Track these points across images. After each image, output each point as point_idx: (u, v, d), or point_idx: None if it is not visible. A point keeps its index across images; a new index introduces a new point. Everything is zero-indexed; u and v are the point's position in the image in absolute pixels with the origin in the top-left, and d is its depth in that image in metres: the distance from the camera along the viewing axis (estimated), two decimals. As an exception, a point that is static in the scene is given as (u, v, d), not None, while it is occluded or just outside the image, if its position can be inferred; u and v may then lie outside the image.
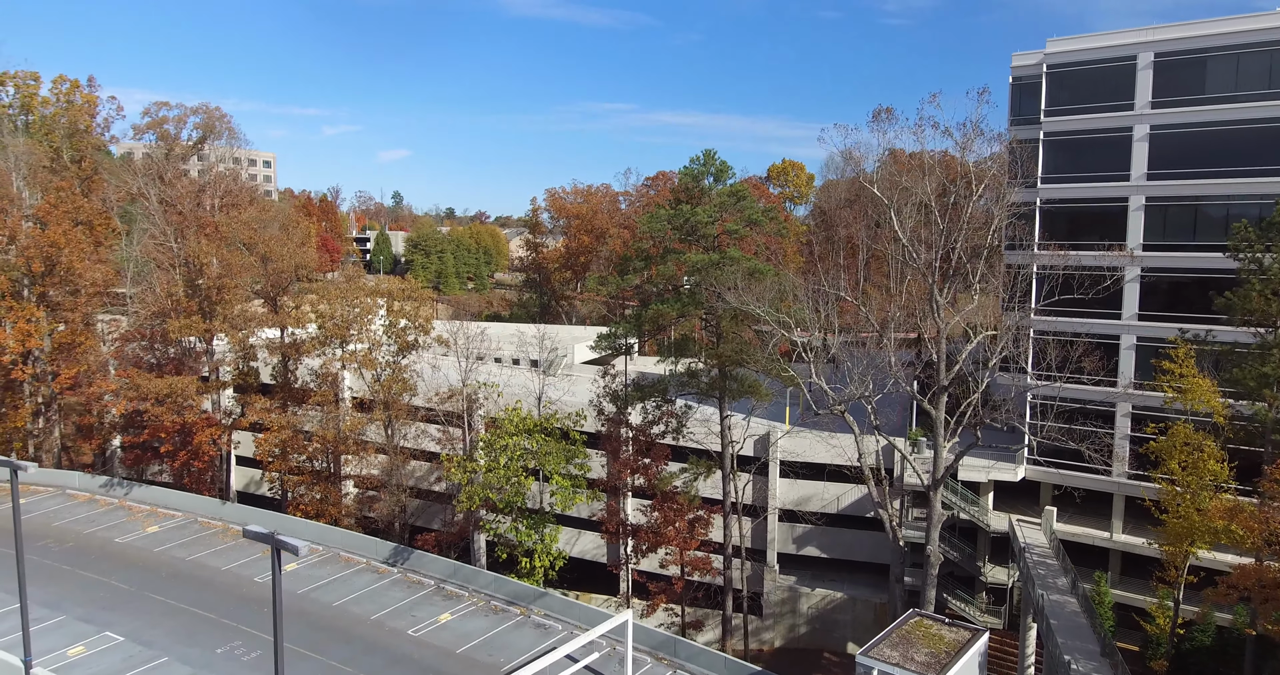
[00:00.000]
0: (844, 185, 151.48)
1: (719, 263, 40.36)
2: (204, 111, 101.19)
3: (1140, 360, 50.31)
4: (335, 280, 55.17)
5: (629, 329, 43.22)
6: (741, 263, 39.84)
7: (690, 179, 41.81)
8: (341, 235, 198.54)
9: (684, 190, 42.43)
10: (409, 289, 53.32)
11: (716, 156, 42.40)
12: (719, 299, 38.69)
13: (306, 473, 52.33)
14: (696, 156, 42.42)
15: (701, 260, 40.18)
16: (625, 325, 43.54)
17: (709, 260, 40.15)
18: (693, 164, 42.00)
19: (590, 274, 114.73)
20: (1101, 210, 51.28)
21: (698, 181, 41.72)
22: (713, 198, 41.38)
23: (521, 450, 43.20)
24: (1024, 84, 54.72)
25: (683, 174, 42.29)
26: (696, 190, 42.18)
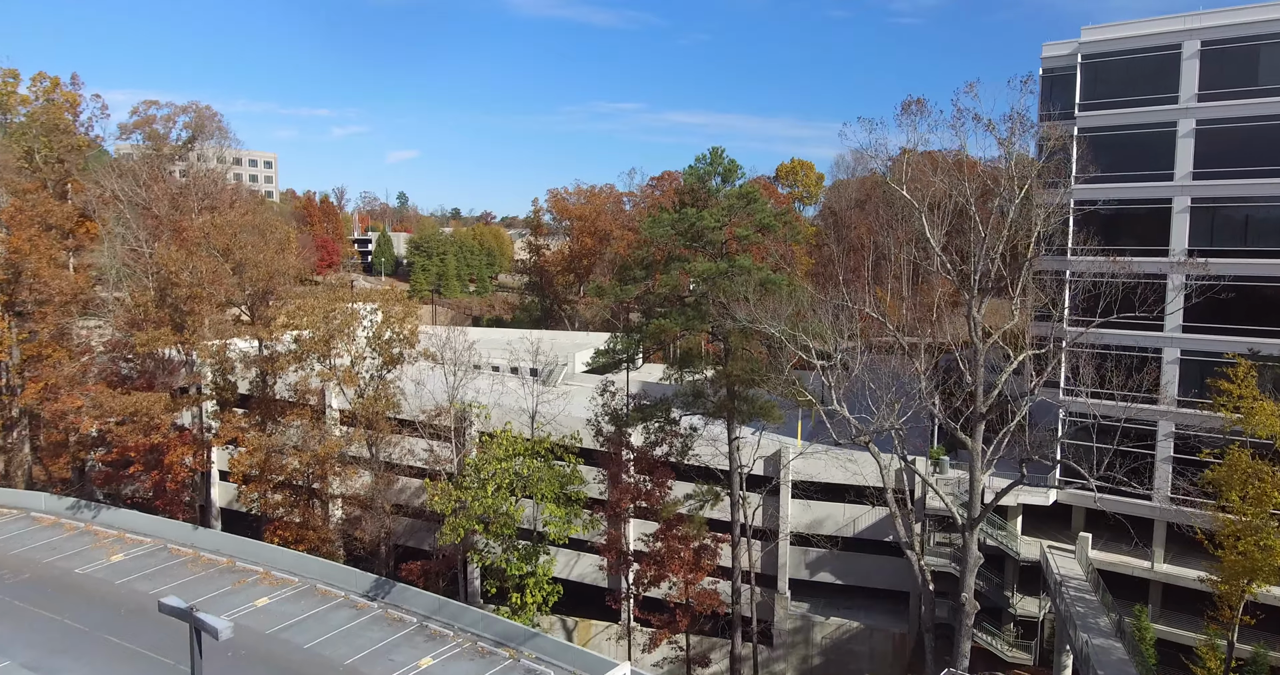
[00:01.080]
0: (854, 185, 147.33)
1: (728, 272, 36.68)
2: (194, 110, 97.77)
3: (1185, 376, 46.41)
4: (318, 289, 51.39)
5: (629, 344, 39.55)
6: (753, 272, 36.14)
7: (696, 180, 38.13)
8: (342, 237, 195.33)
9: (689, 192, 38.75)
10: (395, 298, 49.67)
11: (724, 155, 38.72)
12: (728, 315, 34.99)
13: (285, 494, 48.80)
14: (703, 155, 38.77)
15: (709, 269, 36.51)
16: (625, 340, 39.88)
17: (717, 269, 36.48)
18: (699, 163, 38.33)
19: (593, 277, 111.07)
20: (1142, 212, 47.36)
21: (704, 182, 38.06)
22: (720, 200, 37.72)
23: (511, 476, 39.55)
24: (1055, 76, 50.80)
25: (688, 174, 38.60)
26: (703, 192, 38.51)
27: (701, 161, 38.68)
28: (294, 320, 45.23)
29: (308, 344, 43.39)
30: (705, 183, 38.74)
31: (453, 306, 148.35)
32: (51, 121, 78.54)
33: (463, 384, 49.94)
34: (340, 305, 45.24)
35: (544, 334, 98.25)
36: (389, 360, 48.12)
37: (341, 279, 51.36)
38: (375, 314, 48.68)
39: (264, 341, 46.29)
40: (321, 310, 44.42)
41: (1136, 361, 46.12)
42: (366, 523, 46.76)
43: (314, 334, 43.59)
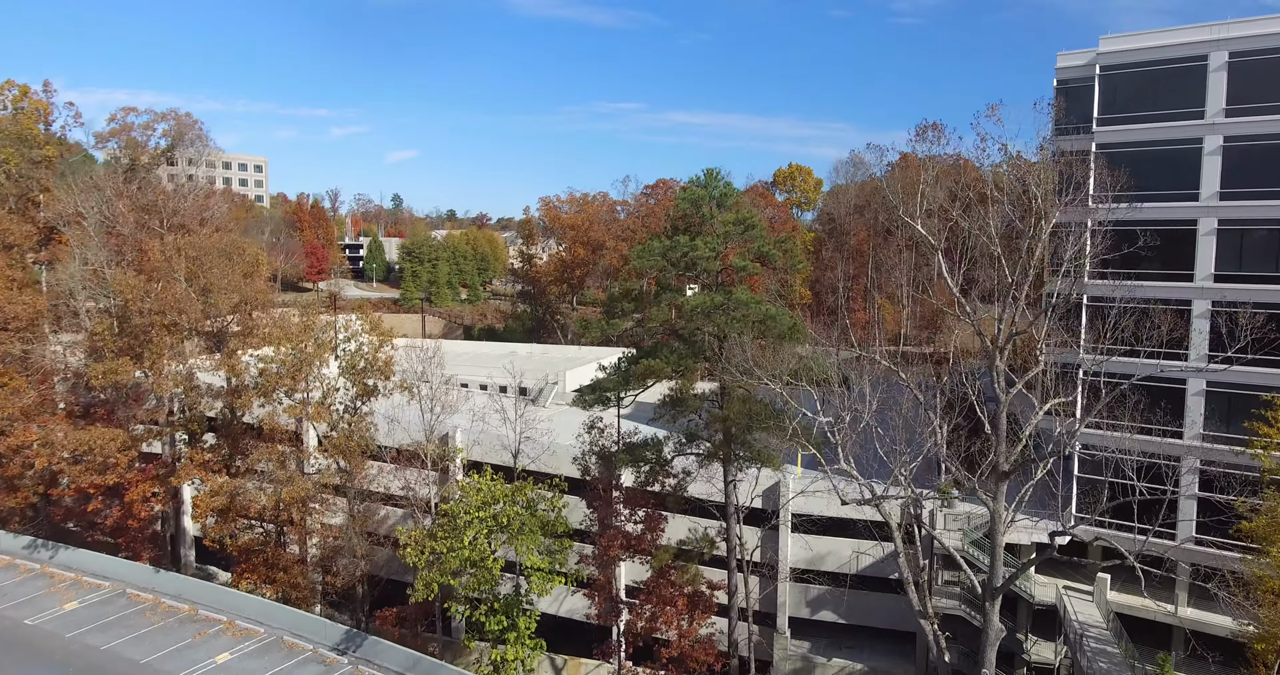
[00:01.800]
0: (853, 190, 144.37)
1: (724, 306, 33.77)
2: (172, 118, 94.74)
3: (1211, 408, 43.58)
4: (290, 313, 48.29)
5: (615, 383, 36.57)
6: (750, 307, 33.22)
7: (689, 205, 35.19)
8: (333, 242, 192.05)
9: (682, 217, 35.81)
10: (371, 324, 46.60)
11: (720, 176, 35.77)
12: (723, 359, 32.08)
13: (254, 534, 45.77)
14: (697, 177, 35.83)
15: (703, 303, 33.60)
16: (612, 379, 36.88)
17: (712, 302, 33.56)
18: (693, 185, 35.34)
19: (586, 287, 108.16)
20: (1165, 234, 44.46)
21: (698, 207, 35.11)
22: (716, 227, 34.80)
23: (490, 523, 36.56)
24: (1070, 88, 47.91)
25: (681, 198, 35.67)
26: (696, 217, 35.59)
27: (696, 183, 35.74)
28: (260, 351, 42.14)
29: (273, 378, 40.33)
30: (699, 208, 35.80)
31: (444, 316, 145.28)
32: (19, 132, 75.52)
33: (441, 419, 46.88)
34: (309, 334, 42.13)
35: (535, 349, 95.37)
36: (363, 392, 45.08)
37: (313, 303, 47.30)
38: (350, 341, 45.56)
39: (230, 374, 43.25)
40: (290, 340, 41.37)
41: (1158, 393, 43.33)
42: (340, 566, 43.75)
43: (280, 367, 40.53)
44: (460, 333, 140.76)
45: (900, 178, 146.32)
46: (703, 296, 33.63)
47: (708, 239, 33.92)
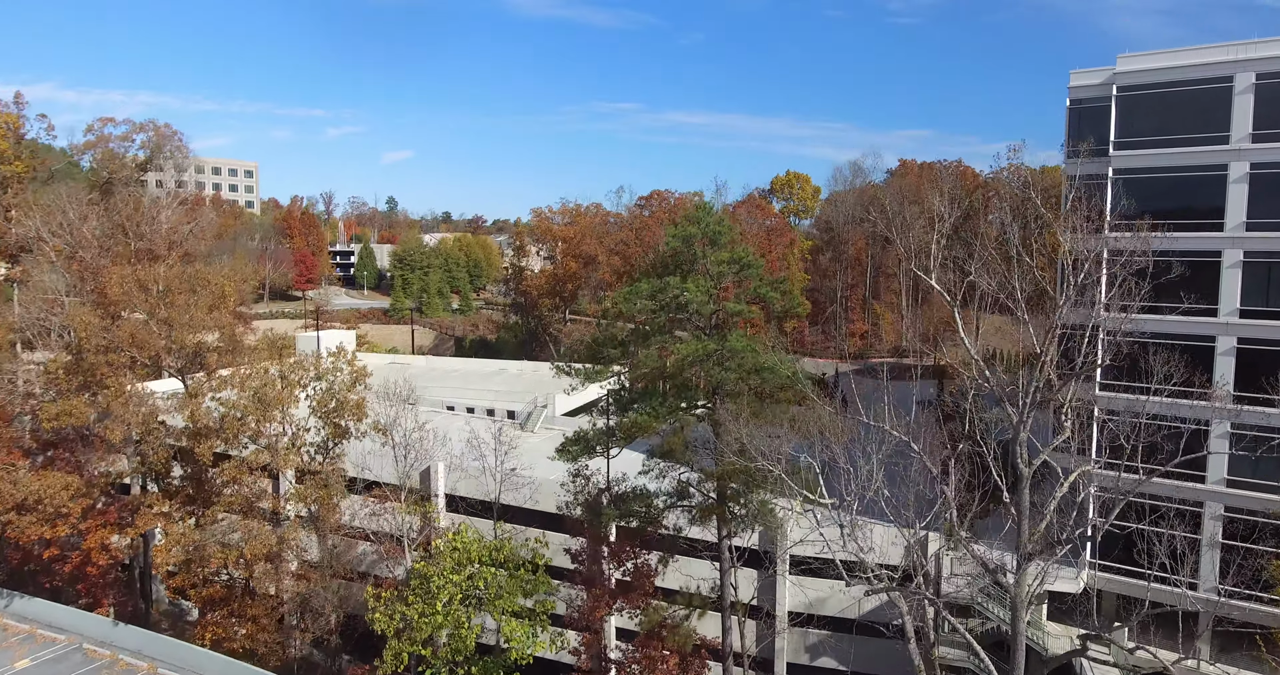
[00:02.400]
0: (852, 198, 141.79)
1: (716, 355, 31.14)
2: (151, 128, 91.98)
3: (1237, 450, 41.01)
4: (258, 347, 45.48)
5: (599, 437, 33.86)
6: (746, 356, 30.59)
7: (680, 242, 32.52)
8: (324, 249, 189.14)
9: (672, 255, 33.17)
10: (342, 357, 43.82)
11: (713, 210, 33.08)
12: (716, 444, 29.43)
13: (217, 587, 43.00)
14: (689, 211, 33.14)
15: (694, 351, 30.98)
16: (595, 433, 34.16)
17: (703, 350, 30.94)
18: (684, 220, 32.64)
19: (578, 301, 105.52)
20: (1187, 267, 41.87)
21: (689, 245, 32.46)
22: (709, 266, 32.17)
23: (466, 586, 33.86)
24: (1085, 108, 45.31)
25: (671, 235, 32.99)
26: (688, 255, 32.95)
27: (687, 221, 33.06)
28: (223, 394, 39.30)
29: (234, 424, 37.53)
30: (690, 245, 33.08)
31: (434, 327, 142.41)
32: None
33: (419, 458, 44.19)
34: (270, 384, 39.28)
35: (525, 367, 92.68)
36: (335, 433, 42.33)
37: (284, 340, 43.96)
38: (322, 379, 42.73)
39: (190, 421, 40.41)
40: (253, 382, 38.60)
41: (1178, 433, 40.80)
42: (309, 622, 41.01)
43: (243, 413, 37.73)
44: (451, 344, 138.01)
45: (899, 185, 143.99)
46: (694, 343, 31.01)
47: (700, 281, 31.29)
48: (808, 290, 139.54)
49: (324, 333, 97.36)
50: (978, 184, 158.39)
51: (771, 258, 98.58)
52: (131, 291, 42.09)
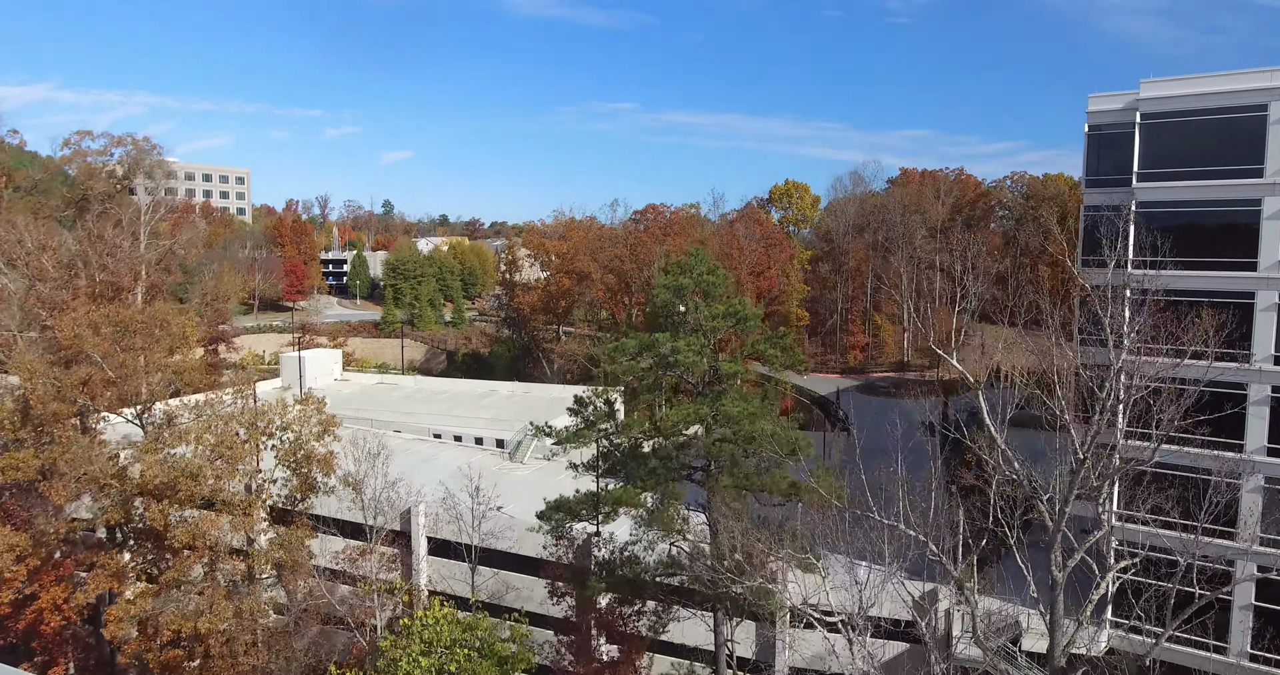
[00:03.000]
0: (853, 208, 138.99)
1: (710, 421, 28.31)
2: (129, 142, 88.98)
3: (1271, 506, 38.17)
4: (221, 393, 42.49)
5: (583, 503, 30.87)
6: (742, 423, 27.73)
7: (670, 294, 29.62)
8: (315, 257, 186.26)
9: (664, 307, 30.23)
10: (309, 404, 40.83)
11: (706, 258, 30.17)
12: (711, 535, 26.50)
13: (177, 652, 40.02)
14: (681, 258, 30.28)
15: (686, 416, 28.15)
16: (579, 499, 31.23)
17: (695, 416, 28.12)
18: (674, 273, 29.71)
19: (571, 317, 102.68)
20: (1217, 309, 39.03)
21: (680, 297, 29.56)
22: (702, 321, 29.31)
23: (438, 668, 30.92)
24: (1104, 135, 42.49)
25: (661, 286, 30.06)
26: (679, 308, 30.08)
27: (677, 268, 30.18)
28: (178, 451, 36.32)
29: (189, 485, 34.53)
30: (681, 298, 30.17)
31: (426, 340, 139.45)
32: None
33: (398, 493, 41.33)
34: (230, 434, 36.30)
35: (517, 388, 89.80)
36: (302, 486, 39.39)
37: (241, 382, 40.28)
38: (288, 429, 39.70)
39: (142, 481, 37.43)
40: (210, 436, 35.61)
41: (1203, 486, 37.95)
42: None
43: (197, 471, 34.75)
44: (444, 359, 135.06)
45: (900, 195, 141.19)
46: (685, 409, 28.17)
47: (692, 340, 28.41)
48: (807, 301, 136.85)
49: (309, 352, 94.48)
50: (980, 193, 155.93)
51: (771, 274, 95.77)
52: (84, 335, 39.14)
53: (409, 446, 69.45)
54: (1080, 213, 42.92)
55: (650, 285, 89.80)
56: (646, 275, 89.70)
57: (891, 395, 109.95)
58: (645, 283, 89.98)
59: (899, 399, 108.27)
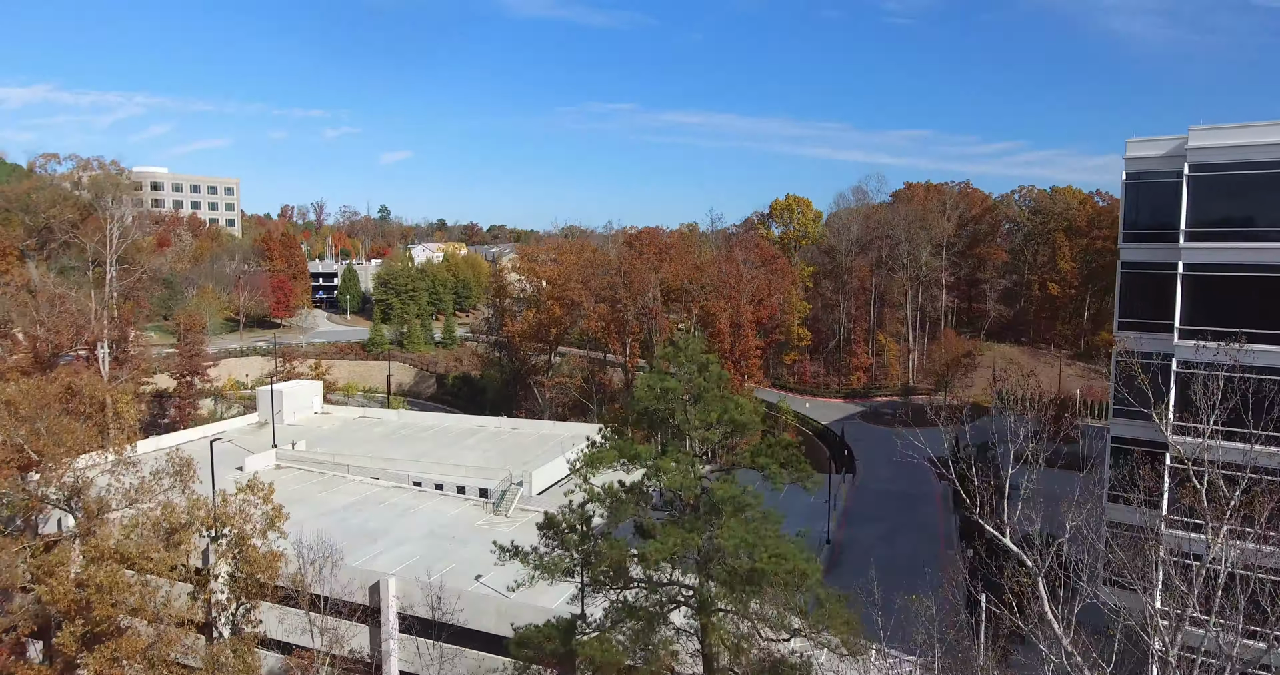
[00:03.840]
0: (857, 224, 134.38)
1: (706, 557, 23.88)
2: (97, 165, 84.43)
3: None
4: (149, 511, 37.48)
5: (556, 637, 26.34)
6: (740, 556, 23.30)
7: (656, 397, 25.07)
8: (305, 271, 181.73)
9: (655, 399, 25.67)
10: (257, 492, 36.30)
11: (698, 342, 25.74)
12: None
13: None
14: (669, 348, 25.82)
15: (674, 549, 23.72)
16: (549, 637, 26.70)
17: (683, 547, 23.69)
18: (658, 374, 25.20)
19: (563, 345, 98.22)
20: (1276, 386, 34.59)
21: (667, 400, 25.01)
22: (693, 431, 24.82)
23: None
24: (1146, 184, 38.03)
25: (643, 385, 25.51)
26: (666, 411, 25.61)
27: (665, 355, 25.71)
28: (93, 571, 31.72)
29: (104, 603, 29.96)
30: (669, 400, 25.61)
31: (415, 362, 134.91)
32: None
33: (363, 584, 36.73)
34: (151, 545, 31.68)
35: (505, 424, 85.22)
36: (243, 591, 34.83)
37: (183, 461, 35.38)
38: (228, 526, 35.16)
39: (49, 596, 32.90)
40: (129, 547, 31.04)
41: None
42: None
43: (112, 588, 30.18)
44: (433, 382, 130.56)
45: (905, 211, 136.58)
46: (674, 537, 23.74)
47: (680, 456, 23.98)
48: (809, 319, 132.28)
49: (288, 385, 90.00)
50: (986, 207, 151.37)
51: (771, 303, 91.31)
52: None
53: (386, 497, 65.13)
54: (1118, 271, 38.47)
55: (646, 314, 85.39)
56: (641, 304, 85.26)
57: (898, 423, 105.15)
58: (640, 312, 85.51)
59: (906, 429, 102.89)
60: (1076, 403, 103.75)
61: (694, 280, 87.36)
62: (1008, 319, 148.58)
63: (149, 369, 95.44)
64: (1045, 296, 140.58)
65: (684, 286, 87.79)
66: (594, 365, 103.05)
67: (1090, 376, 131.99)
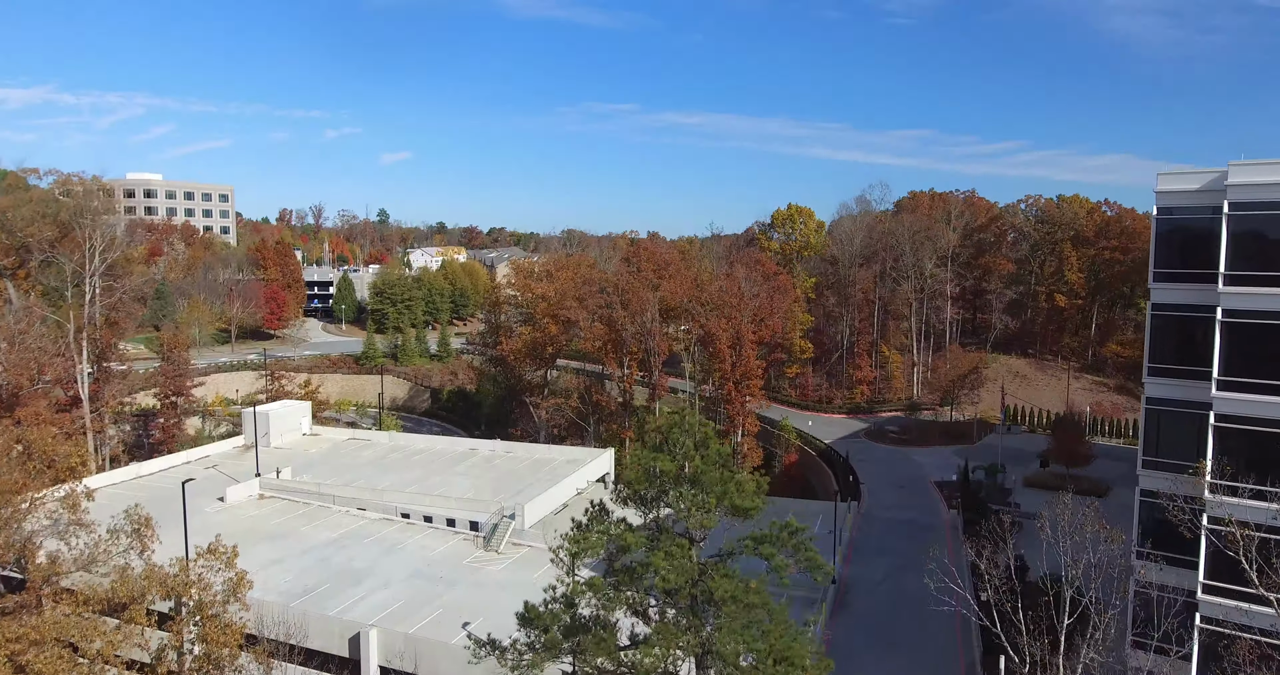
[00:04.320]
0: (860, 235, 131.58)
1: (700, 651, 21.20)
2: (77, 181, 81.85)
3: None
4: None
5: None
6: (741, 665, 20.57)
7: (647, 483, 22.31)
8: (299, 280, 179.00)
9: (645, 482, 22.95)
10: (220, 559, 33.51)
11: (692, 425, 22.96)
12: None
13: None
14: (658, 426, 23.08)
15: (665, 650, 21.04)
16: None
17: (679, 643, 21.02)
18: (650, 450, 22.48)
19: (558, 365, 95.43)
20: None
21: (660, 485, 22.28)
22: (689, 519, 22.03)
23: None
24: (1177, 221, 35.29)
25: (632, 462, 22.86)
26: (657, 491, 22.92)
27: (656, 439, 23.03)
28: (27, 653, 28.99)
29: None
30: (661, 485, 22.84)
31: (410, 376, 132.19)
32: None
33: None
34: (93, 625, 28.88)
35: (499, 448, 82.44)
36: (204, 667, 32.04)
37: (141, 520, 32.22)
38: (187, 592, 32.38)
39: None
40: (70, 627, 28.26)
41: None
42: None
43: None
44: (428, 397, 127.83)
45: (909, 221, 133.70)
46: (667, 639, 21.00)
47: (674, 549, 21.25)
48: (810, 332, 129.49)
49: (275, 406, 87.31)
50: (992, 216, 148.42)
51: (774, 322, 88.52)
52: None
53: (372, 530, 62.47)
54: (1148, 312, 35.72)
55: (646, 334, 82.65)
56: (639, 323, 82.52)
57: (904, 442, 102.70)
58: (639, 332, 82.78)
59: (912, 448, 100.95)
60: (1087, 421, 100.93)
61: (694, 298, 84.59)
62: (1014, 330, 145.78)
63: (132, 387, 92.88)
64: (1052, 308, 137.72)
65: (683, 305, 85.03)
66: (591, 381, 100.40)
67: (1099, 390, 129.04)
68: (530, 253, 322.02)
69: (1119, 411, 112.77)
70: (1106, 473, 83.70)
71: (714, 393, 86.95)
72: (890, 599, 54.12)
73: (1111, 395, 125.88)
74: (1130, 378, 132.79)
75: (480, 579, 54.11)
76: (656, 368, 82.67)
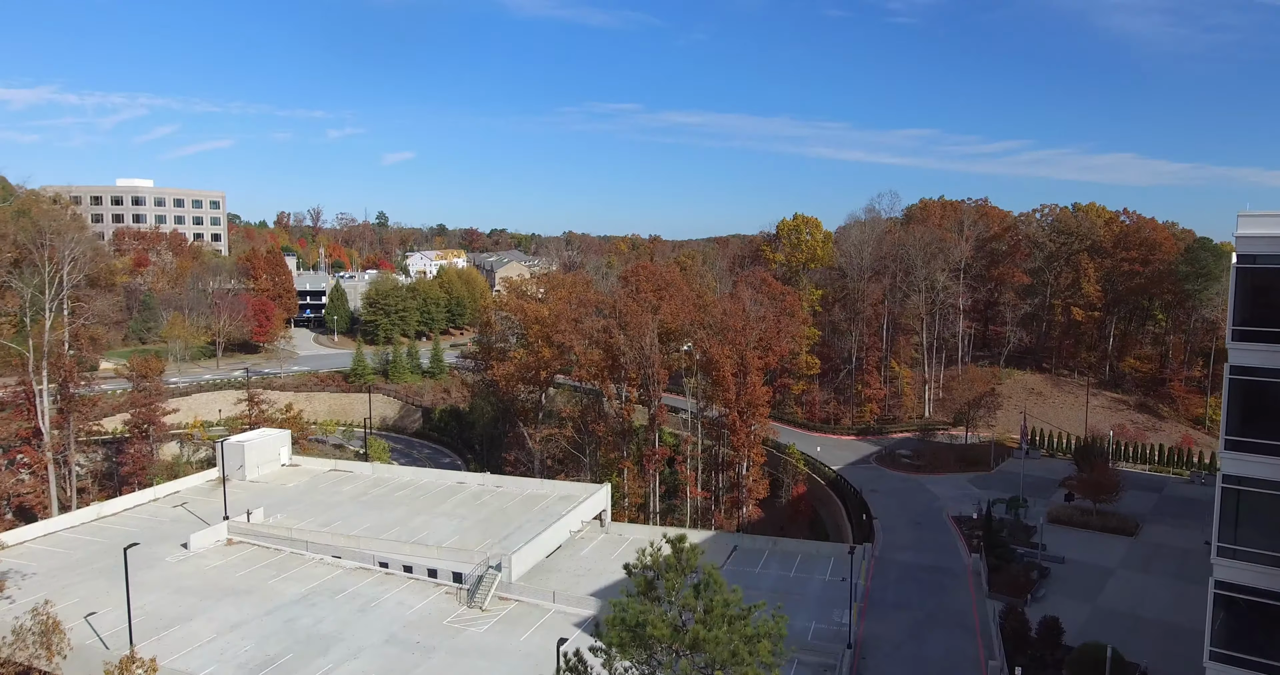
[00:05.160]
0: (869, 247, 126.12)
1: None
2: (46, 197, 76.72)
3: None
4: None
5: None
6: None
7: (629, 636, 17.42)
8: (291, 290, 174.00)
9: (627, 639, 18.04)
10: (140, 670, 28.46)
11: (694, 556, 18.07)
12: None
13: None
14: (643, 561, 18.09)
15: None
16: None
17: None
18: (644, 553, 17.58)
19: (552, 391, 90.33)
20: None
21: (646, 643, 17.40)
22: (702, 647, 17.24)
23: None
24: (1261, 270, 30.11)
25: (616, 611, 17.90)
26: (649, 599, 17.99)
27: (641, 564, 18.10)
28: None
29: None
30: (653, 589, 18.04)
31: (400, 394, 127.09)
32: None
33: None
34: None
35: (488, 482, 77.28)
36: None
37: (51, 624, 27.58)
38: None
39: None
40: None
41: None
42: None
43: None
44: (419, 416, 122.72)
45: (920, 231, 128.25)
46: None
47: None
48: (816, 346, 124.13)
49: (253, 436, 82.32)
50: (1006, 226, 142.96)
51: (780, 346, 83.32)
52: None
53: (346, 583, 57.35)
54: (1225, 376, 30.58)
55: (645, 361, 77.49)
56: (638, 348, 77.37)
57: (917, 468, 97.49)
58: (637, 357, 77.61)
59: (926, 475, 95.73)
60: (1109, 445, 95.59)
61: (696, 320, 79.38)
62: (1028, 344, 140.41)
63: (103, 412, 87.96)
64: (1069, 321, 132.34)
65: (684, 328, 79.86)
66: (589, 401, 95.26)
67: (1118, 408, 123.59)
68: (531, 255, 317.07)
69: (1143, 434, 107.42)
70: (1135, 507, 78.35)
71: (718, 417, 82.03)
72: (913, 666, 49.05)
73: (1132, 414, 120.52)
74: (1150, 394, 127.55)
75: (461, 644, 49.10)
76: (656, 396, 77.44)
